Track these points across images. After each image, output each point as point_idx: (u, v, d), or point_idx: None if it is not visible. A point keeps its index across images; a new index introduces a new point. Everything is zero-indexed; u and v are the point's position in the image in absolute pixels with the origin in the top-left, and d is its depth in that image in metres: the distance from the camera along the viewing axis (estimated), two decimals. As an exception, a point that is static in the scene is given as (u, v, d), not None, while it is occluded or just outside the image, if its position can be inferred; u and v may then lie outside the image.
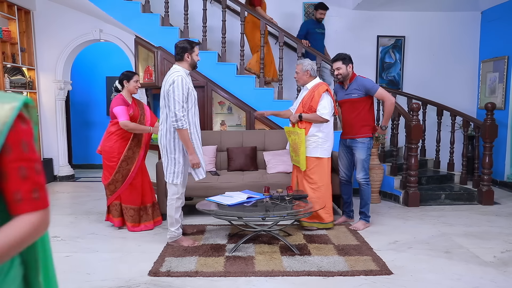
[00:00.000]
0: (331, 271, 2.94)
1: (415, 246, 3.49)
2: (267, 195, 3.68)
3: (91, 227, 4.03)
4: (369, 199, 4.02)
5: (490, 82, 6.17)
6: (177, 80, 3.22)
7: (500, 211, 4.64)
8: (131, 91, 3.88)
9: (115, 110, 3.75)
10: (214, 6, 6.08)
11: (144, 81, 5.51)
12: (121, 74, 3.89)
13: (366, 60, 6.34)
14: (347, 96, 3.91)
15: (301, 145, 3.76)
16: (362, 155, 3.91)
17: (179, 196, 3.44)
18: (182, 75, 3.27)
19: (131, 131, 3.80)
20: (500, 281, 2.80)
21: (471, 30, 6.44)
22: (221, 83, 5.18)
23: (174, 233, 3.48)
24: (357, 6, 6.07)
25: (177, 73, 3.29)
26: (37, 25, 6.09)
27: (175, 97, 3.21)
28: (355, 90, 3.84)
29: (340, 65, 3.83)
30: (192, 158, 3.32)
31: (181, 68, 3.35)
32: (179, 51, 3.38)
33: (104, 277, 2.88)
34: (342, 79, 3.90)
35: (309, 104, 3.76)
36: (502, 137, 5.72)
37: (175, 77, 3.25)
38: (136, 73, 4.02)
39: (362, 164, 3.93)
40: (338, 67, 3.84)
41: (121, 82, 3.88)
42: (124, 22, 5.32)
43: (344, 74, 3.85)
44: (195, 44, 3.42)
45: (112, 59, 7.32)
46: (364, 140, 3.89)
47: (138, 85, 3.90)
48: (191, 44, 3.38)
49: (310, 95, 3.78)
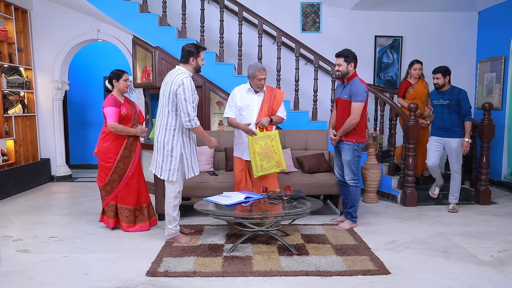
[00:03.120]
0: (329, 271, 2.94)
1: (412, 246, 3.49)
2: (265, 195, 3.68)
3: (88, 227, 4.02)
4: (357, 200, 3.99)
5: (487, 82, 6.19)
6: (186, 82, 3.28)
7: (497, 210, 4.66)
8: (121, 90, 3.83)
9: (105, 110, 3.74)
10: (212, 6, 6.08)
11: (142, 81, 5.50)
12: (111, 73, 3.83)
13: (363, 60, 6.34)
14: (341, 95, 3.90)
15: (278, 146, 3.84)
16: (347, 156, 3.88)
17: (177, 194, 3.49)
18: (189, 77, 3.35)
19: (118, 133, 3.77)
20: (497, 281, 2.81)
21: (469, 30, 6.46)
22: (219, 83, 5.17)
23: (171, 230, 3.53)
24: (355, 6, 6.08)
25: (183, 74, 3.34)
26: (34, 25, 6.07)
27: (186, 98, 3.27)
28: (348, 91, 3.81)
29: (342, 62, 3.79)
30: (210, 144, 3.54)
31: (185, 70, 3.41)
32: (185, 54, 3.43)
33: (101, 277, 2.87)
34: (342, 76, 3.87)
35: (272, 108, 3.89)
36: (499, 137, 5.74)
37: (183, 77, 3.30)
38: (126, 71, 3.93)
39: (349, 165, 3.89)
40: (339, 64, 3.80)
41: (110, 82, 3.83)
42: (122, 22, 5.31)
43: (344, 72, 3.81)
44: (202, 49, 3.50)
45: (109, 59, 7.31)
46: (349, 143, 3.87)
47: (128, 84, 3.85)
48: (197, 49, 3.44)
49: (270, 97, 3.88)
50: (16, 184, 5.50)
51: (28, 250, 3.40)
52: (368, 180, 4.95)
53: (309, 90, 5.65)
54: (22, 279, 2.84)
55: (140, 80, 5.51)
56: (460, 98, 4.41)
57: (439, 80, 4.48)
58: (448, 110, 4.47)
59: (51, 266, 3.07)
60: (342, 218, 4.16)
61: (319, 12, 6.30)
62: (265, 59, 5.48)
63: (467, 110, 4.43)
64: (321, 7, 6.29)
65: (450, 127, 4.48)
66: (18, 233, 3.87)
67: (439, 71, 4.50)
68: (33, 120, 6.14)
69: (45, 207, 4.85)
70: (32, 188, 5.83)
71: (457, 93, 4.44)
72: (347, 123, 3.79)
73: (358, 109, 3.76)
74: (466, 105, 4.43)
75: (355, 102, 3.76)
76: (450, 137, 4.48)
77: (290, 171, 4.59)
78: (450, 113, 4.46)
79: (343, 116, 3.85)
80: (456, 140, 4.46)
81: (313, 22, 6.32)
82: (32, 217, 4.39)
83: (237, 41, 5.31)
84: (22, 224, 4.16)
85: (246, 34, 5.71)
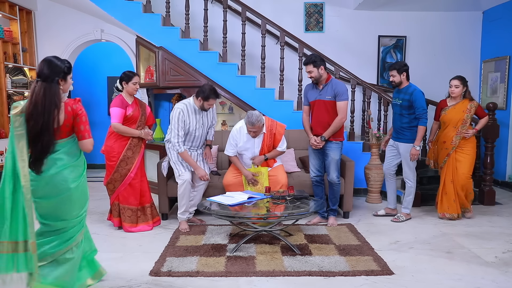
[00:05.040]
0: (332, 271, 2.94)
1: (416, 246, 3.49)
2: (268, 195, 3.68)
3: (92, 227, 4.02)
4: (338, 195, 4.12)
5: (491, 82, 6.16)
6: (176, 112, 3.76)
7: (502, 211, 4.64)
8: (130, 93, 3.88)
9: (111, 110, 3.81)
10: (215, 6, 6.08)
11: (145, 81, 5.51)
12: (122, 74, 3.90)
13: (367, 60, 6.34)
14: (320, 97, 3.91)
15: (266, 179, 4.05)
16: (337, 155, 3.93)
17: (180, 186, 3.86)
18: (183, 109, 3.78)
19: (121, 134, 3.80)
20: (502, 282, 2.80)
21: (473, 30, 6.43)
22: (222, 83, 5.18)
23: (179, 215, 3.93)
24: (358, 6, 6.07)
25: (182, 104, 3.82)
26: (39, 25, 6.10)
27: (172, 126, 3.79)
28: (330, 92, 3.86)
29: (311, 68, 3.81)
30: (197, 172, 3.86)
31: (190, 102, 3.86)
32: (199, 91, 3.79)
33: (105, 277, 2.87)
34: (316, 82, 3.91)
35: (273, 145, 4.10)
36: (504, 137, 5.71)
37: (178, 106, 3.80)
38: (137, 74, 4.03)
39: (336, 164, 3.94)
40: (310, 71, 3.83)
41: (121, 82, 3.89)
42: (125, 22, 5.32)
43: (317, 77, 3.84)
44: (213, 96, 3.75)
45: (113, 59, 7.32)
46: (338, 142, 3.93)
47: (137, 87, 3.89)
48: (208, 96, 3.73)
49: (269, 137, 4.05)
50: (21, 184, 5.51)
51: (32, 250, 3.41)
52: (372, 180, 4.94)
53: (312, 90, 5.65)
54: (26, 279, 2.85)
55: (143, 80, 5.52)
56: (412, 99, 4.01)
57: (395, 77, 4.12)
58: (400, 111, 4.15)
59: (55, 265, 3.08)
60: (319, 219, 4.14)
61: (322, 12, 6.30)
62: (268, 59, 5.48)
63: (420, 113, 4.01)
64: (324, 7, 6.28)
65: (399, 129, 4.17)
66: (22, 232, 3.89)
67: (394, 68, 4.12)
68: (37, 120, 6.16)
69: (49, 206, 4.86)
70: (36, 188, 5.84)
71: (410, 92, 4.04)
72: (336, 123, 3.83)
73: (345, 107, 3.85)
74: (419, 106, 4.01)
75: (341, 101, 3.83)
76: (399, 141, 4.19)
77: (293, 171, 4.59)
78: (401, 114, 4.14)
79: (324, 117, 3.89)
80: (403, 144, 4.15)
81: (316, 22, 6.31)
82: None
83: (240, 41, 5.31)
84: (26, 223, 4.17)
85: (250, 34, 5.71)
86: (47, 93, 2.26)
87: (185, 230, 3.85)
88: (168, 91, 5.65)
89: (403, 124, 4.15)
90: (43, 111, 2.23)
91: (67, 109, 2.36)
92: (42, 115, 2.22)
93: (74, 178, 2.40)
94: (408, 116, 4.10)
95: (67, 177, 2.36)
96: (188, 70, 5.15)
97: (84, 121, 2.43)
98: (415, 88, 4.09)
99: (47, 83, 2.28)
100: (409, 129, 4.12)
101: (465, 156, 4.23)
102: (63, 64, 2.37)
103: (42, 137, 2.23)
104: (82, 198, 2.48)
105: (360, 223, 4.15)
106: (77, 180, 2.41)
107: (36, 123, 2.22)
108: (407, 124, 4.13)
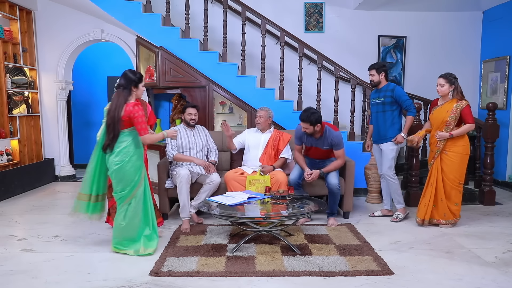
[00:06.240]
0: (332, 271, 2.94)
1: (416, 246, 3.49)
2: (268, 195, 3.68)
3: (92, 227, 4.03)
4: None
5: (491, 82, 6.16)
6: None
7: (502, 211, 4.64)
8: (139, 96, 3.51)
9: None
10: (215, 6, 6.09)
11: (146, 81, 5.50)
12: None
13: (367, 60, 6.31)
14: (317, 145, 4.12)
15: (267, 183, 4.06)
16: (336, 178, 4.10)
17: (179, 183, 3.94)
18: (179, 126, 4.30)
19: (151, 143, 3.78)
20: (502, 282, 2.80)
21: (473, 30, 6.44)
22: (222, 83, 5.18)
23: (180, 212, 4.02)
24: (358, 6, 6.07)
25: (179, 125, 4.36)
26: (39, 25, 6.10)
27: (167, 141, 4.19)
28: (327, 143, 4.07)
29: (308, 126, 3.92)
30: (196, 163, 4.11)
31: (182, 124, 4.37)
32: None
33: (105, 277, 2.88)
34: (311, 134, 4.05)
35: (277, 147, 4.37)
36: (504, 137, 5.71)
37: None
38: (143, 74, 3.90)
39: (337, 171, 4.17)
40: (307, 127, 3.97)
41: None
42: (125, 22, 5.32)
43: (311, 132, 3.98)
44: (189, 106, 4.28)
45: (113, 59, 7.33)
46: None
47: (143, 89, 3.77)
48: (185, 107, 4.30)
49: (275, 139, 4.38)
50: (20, 184, 5.53)
51: (32, 250, 3.41)
52: (372, 180, 4.93)
53: (313, 90, 5.65)
54: (26, 278, 2.86)
55: (143, 80, 5.51)
56: (395, 95, 4.04)
57: (374, 77, 4.15)
58: (383, 109, 4.13)
59: (55, 265, 3.09)
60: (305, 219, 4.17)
61: (322, 12, 6.30)
62: (269, 59, 5.48)
63: (408, 104, 4.03)
64: (324, 7, 6.28)
65: (383, 130, 4.16)
66: (22, 232, 3.89)
67: (373, 67, 4.15)
68: (37, 120, 6.17)
69: (49, 206, 4.87)
70: (36, 188, 5.86)
71: (391, 89, 4.07)
72: (337, 166, 4.12)
73: (344, 153, 4.13)
74: (405, 99, 4.04)
75: (339, 150, 4.07)
76: (382, 142, 4.21)
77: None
78: (384, 112, 4.12)
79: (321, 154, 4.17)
80: (386, 144, 4.16)
81: (316, 22, 6.32)
82: (36, 217, 4.41)
83: (240, 41, 5.30)
84: (26, 223, 4.18)
85: (250, 34, 5.72)
86: (118, 97, 3.21)
87: (185, 230, 3.86)
88: (168, 91, 5.65)
89: (386, 122, 4.14)
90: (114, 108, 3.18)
91: (126, 108, 3.17)
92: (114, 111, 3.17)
93: (117, 162, 3.20)
94: (392, 112, 4.13)
95: (112, 160, 3.22)
96: (188, 70, 5.15)
97: (140, 121, 3.19)
98: (395, 85, 4.15)
99: (121, 90, 3.23)
100: (392, 127, 4.13)
101: (452, 161, 3.90)
102: (135, 76, 3.26)
103: (113, 126, 3.17)
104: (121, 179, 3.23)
105: (360, 223, 4.15)
106: (119, 163, 3.20)
107: (110, 116, 3.18)
108: (390, 121, 4.13)
